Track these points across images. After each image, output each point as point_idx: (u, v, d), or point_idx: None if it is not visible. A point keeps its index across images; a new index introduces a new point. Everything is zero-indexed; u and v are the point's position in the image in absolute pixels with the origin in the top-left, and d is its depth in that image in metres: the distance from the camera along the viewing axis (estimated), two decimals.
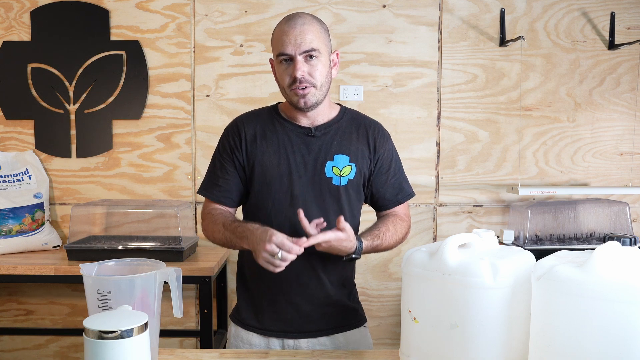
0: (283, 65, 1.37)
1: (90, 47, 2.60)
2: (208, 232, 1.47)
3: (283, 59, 1.36)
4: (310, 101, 1.38)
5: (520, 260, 1.04)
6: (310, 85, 1.36)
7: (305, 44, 1.33)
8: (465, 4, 2.61)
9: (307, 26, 1.34)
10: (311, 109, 1.40)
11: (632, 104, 2.69)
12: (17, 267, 2.21)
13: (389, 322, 2.72)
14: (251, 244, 1.30)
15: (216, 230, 1.42)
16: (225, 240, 1.41)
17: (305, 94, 1.36)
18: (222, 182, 1.47)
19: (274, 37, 1.39)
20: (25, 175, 2.55)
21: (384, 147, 1.50)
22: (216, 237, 1.44)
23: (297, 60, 1.33)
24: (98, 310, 1.07)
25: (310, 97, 1.37)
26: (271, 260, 1.24)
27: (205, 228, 1.48)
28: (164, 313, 1.76)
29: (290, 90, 1.37)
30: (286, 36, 1.34)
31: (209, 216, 1.47)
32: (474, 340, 1.00)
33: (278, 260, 1.23)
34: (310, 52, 1.34)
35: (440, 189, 2.68)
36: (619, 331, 0.83)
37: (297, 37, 1.33)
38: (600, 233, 2.58)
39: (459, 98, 2.65)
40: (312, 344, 1.46)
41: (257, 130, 1.46)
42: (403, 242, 1.54)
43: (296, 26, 1.34)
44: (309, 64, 1.35)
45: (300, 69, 1.33)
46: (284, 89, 1.39)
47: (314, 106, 1.40)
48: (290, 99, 1.40)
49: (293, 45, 1.33)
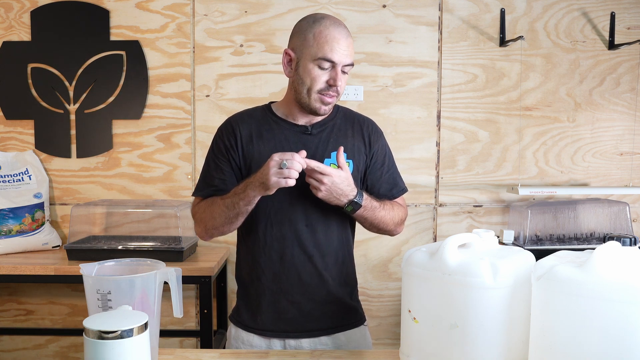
0: (320, 69, 1.36)
1: (90, 47, 2.60)
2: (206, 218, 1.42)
3: (326, 64, 1.36)
4: (329, 109, 1.41)
5: (520, 260, 1.04)
6: (338, 95, 1.40)
7: (349, 57, 1.37)
8: (465, 4, 2.61)
9: (350, 39, 1.39)
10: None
11: (632, 104, 2.69)
12: (17, 267, 2.21)
13: (389, 322, 2.72)
14: (256, 180, 1.30)
15: (215, 208, 1.39)
16: (227, 210, 1.37)
17: (330, 102, 1.39)
18: (217, 182, 1.45)
19: (318, 39, 1.35)
20: (25, 175, 2.55)
21: (378, 143, 1.52)
22: (216, 214, 1.39)
23: (339, 71, 1.36)
24: (98, 310, 1.07)
25: (331, 107, 1.42)
26: (280, 172, 1.24)
27: (201, 219, 1.45)
28: (164, 313, 1.76)
29: (317, 96, 1.38)
30: (337, 43, 1.35)
31: (203, 205, 1.44)
32: (474, 340, 1.00)
33: (287, 170, 1.24)
34: (348, 66, 1.38)
35: (440, 189, 2.68)
36: (619, 331, 0.83)
37: (346, 49, 1.36)
38: (600, 233, 2.58)
39: (459, 98, 2.65)
40: (313, 343, 1.46)
41: (252, 130, 1.45)
42: (401, 226, 1.54)
43: (345, 37, 1.37)
44: (343, 76, 1.39)
45: (341, 79, 1.37)
46: (310, 91, 1.38)
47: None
48: (310, 103, 1.39)
49: (341, 55, 1.35)
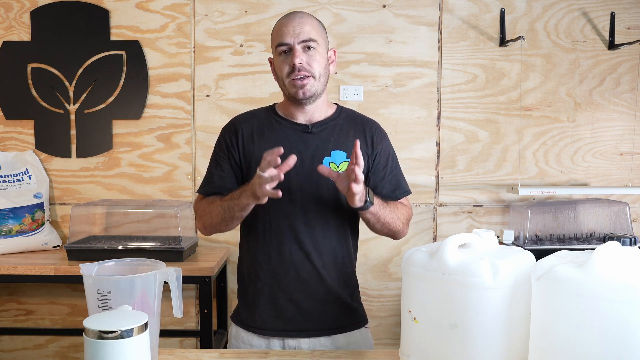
0: (282, 56, 1.41)
1: (90, 47, 2.60)
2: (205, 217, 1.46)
3: (282, 50, 1.40)
4: (309, 91, 1.40)
5: (520, 260, 1.04)
6: (310, 75, 1.39)
7: (304, 33, 1.38)
8: (465, 4, 2.61)
9: (305, 19, 1.41)
10: (310, 100, 1.42)
11: (632, 104, 2.69)
12: (17, 267, 2.21)
13: (389, 322, 2.72)
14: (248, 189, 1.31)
15: (213, 208, 1.42)
16: (224, 212, 1.39)
17: (304, 84, 1.39)
18: (216, 179, 1.48)
19: (273, 32, 1.44)
20: (25, 175, 2.55)
21: (381, 144, 1.51)
22: (214, 215, 1.42)
23: (296, 49, 1.38)
24: (98, 310, 1.07)
25: (309, 88, 1.40)
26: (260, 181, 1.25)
27: (201, 216, 1.48)
28: (164, 313, 1.76)
29: (289, 81, 1.40)
30: (285, 27, 1.40)
31: (203, 203, 1.48)
32: (474, 341, 1.00)
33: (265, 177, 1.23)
34: (308, 43, 1.39)
35: (440, 189, 2.68)
36: (619, 331, 0.83)
37: (296, 28, 1.38)
38: (600, 233, 2.58)
39: (459, 98, 2.65)
40: (312, 344, 1.46)
41: (254, 129, 1.47)
42: (408, 226, 1.54)
43: (295, 18, 1.40)
44: (307, 54, 1.39)
45: (299, 57, 1.38)
46: (283, 81, 1.42)
47: (313, 97, 1.42)
48: (288, 91, 1.42)
49: (291, 35, 1.38)
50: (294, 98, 1.42)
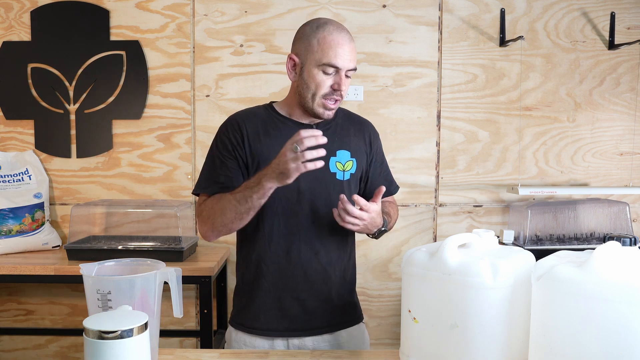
0: (326, 75, 1.38)
1: (90, 47, 2.60)
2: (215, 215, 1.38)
3: (330, 69, 1.37)
4: (332, 114, 1.44)
5: (520, 260, 1.04)
6: (341, 99, 1.42)
7: (353, 62, 1.40)
8: (465, 4, 2.61)
9: (353, 44, 1.41)
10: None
11: (632, 104, 2.69)
12: (17, 267, 2.21)
13: (389, 322, 2.72)
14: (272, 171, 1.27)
15: (225, 203, 1.36)
16: (238, 204, 1.33)
17: (333, 108, 1.42)
18: (224, 179, 1.42)
19: (323, 43, 1.37)
20: (25, 175, 2.55)
21: (376, 143, 1.60)
22: (225, 210, 1.36)
23: (342, 76, 1.39)
24: (98, 310, 1.07)
25: (334, 111, 1.44)
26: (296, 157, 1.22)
27: (208, 216, 1.41)
28: (164, 313, 1.77)
29: (321, 99, 1.40)
30: (341, 49, 1.37)
31: (209, 202, 1.41)
32: (474, 340, 1.00)
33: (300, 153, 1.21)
34: (351, 70, 1.41)
35: (440, 189, 2.68)
36: (619, 331, 0.83)
37: (349, 54, 1.38)
38: (600, 233, 2.58)
39: (459, 98, 2.65)
40: (316, 342, 1.47)
41: (258, 128, 1.45)
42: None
43: (349, 42, 1.39)
44: (347, 80, 1.41)
45: (345, 85, 1.39)
46: (315, 96, 1.39)
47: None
48: (313, 106, 1.41)
49: (344, 60, 1.37)
50: (316, 115, 1.43)
